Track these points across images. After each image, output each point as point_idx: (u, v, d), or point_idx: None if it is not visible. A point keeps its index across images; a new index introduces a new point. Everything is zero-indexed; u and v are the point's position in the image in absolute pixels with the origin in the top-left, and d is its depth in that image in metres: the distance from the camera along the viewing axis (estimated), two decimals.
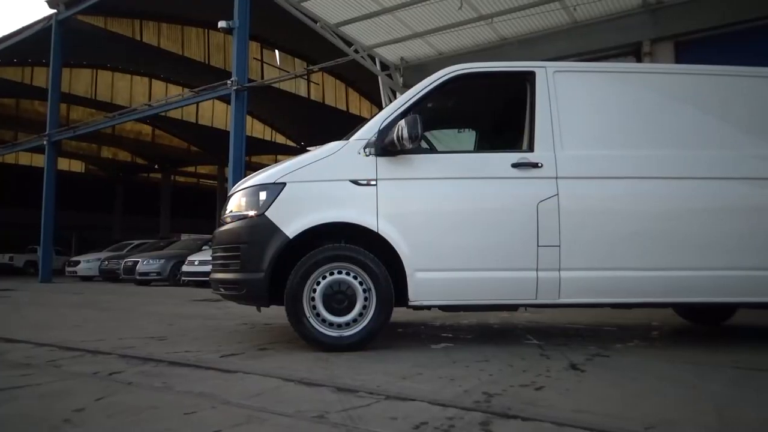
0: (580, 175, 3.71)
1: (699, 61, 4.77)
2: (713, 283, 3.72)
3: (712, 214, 3.76)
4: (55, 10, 16.93)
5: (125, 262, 15.97)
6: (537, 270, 3.62)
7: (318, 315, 3.50)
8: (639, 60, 8.48)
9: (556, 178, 3.67)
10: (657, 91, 4.01)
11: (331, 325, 3.50)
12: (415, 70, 10.70)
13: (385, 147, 3.61)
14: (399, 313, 4.57)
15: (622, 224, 3.71)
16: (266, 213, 3.56)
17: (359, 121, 4.19)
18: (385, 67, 11.00)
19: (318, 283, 3.51)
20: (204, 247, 14.90)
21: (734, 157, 3.84)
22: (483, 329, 4.86)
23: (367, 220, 3.55)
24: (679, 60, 8.13)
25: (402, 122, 3.49)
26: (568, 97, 3.85)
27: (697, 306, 4.91)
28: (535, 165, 3.68)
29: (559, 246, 3.62)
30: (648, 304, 3.95)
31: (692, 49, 8.16)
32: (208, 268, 5.94)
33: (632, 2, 8.39)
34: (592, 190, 3.72)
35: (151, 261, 15.12)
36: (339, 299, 3.50)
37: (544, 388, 2.60)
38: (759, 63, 4.34)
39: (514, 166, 3.68)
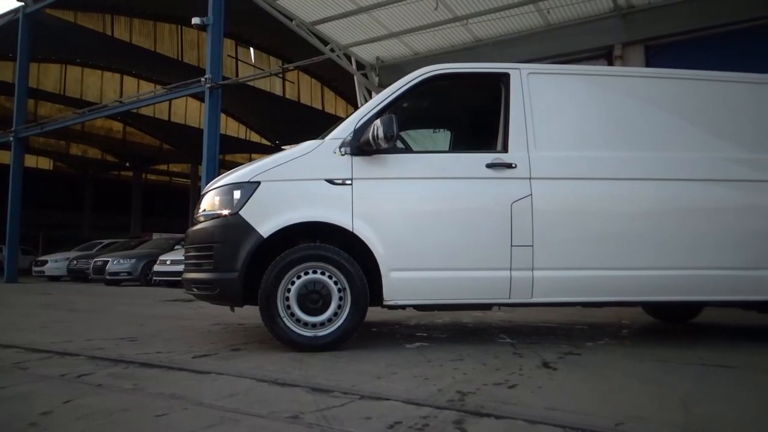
0: (553, 176, 3.76)
1: (668, 65, 4.89)
2: (681, 283, 3.81)
3: (680, 215, 3.85)
4: (22, 3, 16.46)
5: (95, 261, 15.64)
6: (510, 270, 3.66)
7: (292, 315, 3.48)
8: (610, 63, 8.63)
9: (530, 178, 3.72)
10: (628, 94, 4.09)
11: (305, 325, 3.49)
12: (390, 70, 10.71)
13: (360, 146, 3.61)
14: (374, 313, 4.57)
15: (593, 225, 3.77)
16: (240, 212, 3.53)
17: (335, 121, 4.18)
18: (360, 66, 11.00)
19: (292, 283, 3.49)
20: (176, 247, 14.70)
21: (704, 160, 3.93)
22: (457, 328, 4.89)
23: (342, 220, 3.55)
24: (649, 63, 8.30)
25: (377, 122, 3.49)
26: (541, 99, 3.90)
27: (665, 305, 5.02)
28: (509, 165, 3.72)
29: (533, 246, 3.67)
30: (618, 303, 4.03)
31: (662, 52, 8.34)
32: (180, 267, 5.86)
33: (604, 6, 8.53)
34: (564, 190, 3.77)
35: (121, 260, 14.84)
36: (314, 299, 3.48)
37: (516, 386, 2.63)
38: (726, 67, 4.46)
39: (489, 166, 3.72)
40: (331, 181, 3.59)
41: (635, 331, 4.86)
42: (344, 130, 3.69)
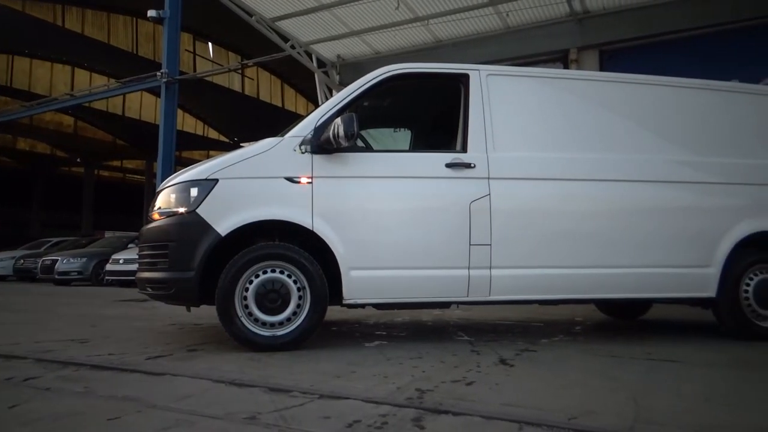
0: (511, 176, 3.83)
1: (621, 69, 5.04)
2: (631, 280, 3.95)
3: (631, 214, 3.98)
4: None
5: (43, 260, 15.04)
6: (469, 268, 3.71)
7: (250, 314, 3.44)
8: (566, 66, 8.84)
9: (488, 178, 3.78)
10: (583, 97, 4.20)
11: (264, 324, 3.45)
12: (351, 68, 10.68)
13: (320, 145, 3.59)
14: (333, 312, 4.55)
15: (549, 224, 3.86)
16: (197, 210, 3.46)
17: (295, 118, 4.15)
18: (321, 64, 10.93)
19: (251, 282, 3.45)
20: (130, 245, 14.31)
21: (653, 162, 4.08)
22: (416, 326, 4.93)
23: (302, 218, 3.52)
24: (603, 67, 8.54)
25: (338, 120, 3.48)
26: (500, 100, 3.96)
27: (616, 302, 5.19)
28: (468, 165, 3.77)
29: (490, 245, 3.73)
30: (573, 301, 4.14)
31: (615, 57, 8.60)
32: (134, 267, 5.71)
33: (561, 11, 8.73)
34: (522, 190, 3.85)
35: (71, 259, 14.33)
36: (272, 298, 3.45)
37: (474, 383, 2.67)
38: (676, 73, 4.64)
39: (448, 166, 3.76)
40: (290, 180, 3.56)
41: (588, 327, 5.00)
42: (304, 128, 3.67)
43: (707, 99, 4.40)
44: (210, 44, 27.45)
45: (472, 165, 3.77)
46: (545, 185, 3.89)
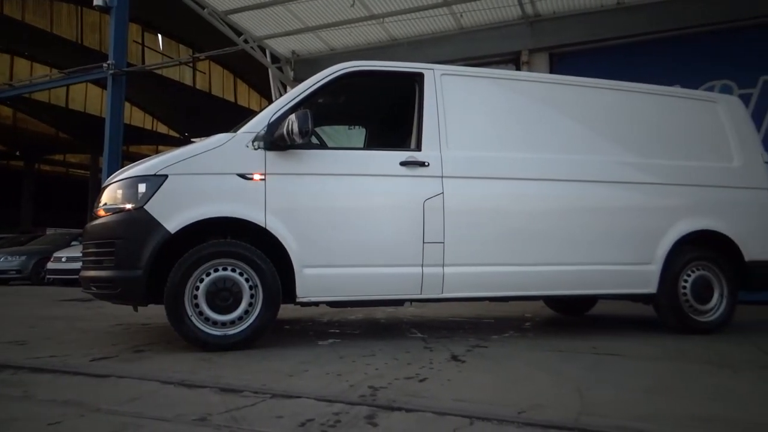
0: (464, 175, 3.88)
1: (570, 72, 5.18)
2: (579, 277, 4.08)
3: (578, 214, 4.11)
4: None
5: None
6: (422, 266, 3.74)
7: (201, 313, 3.36)
8: (518, 68, 9.01)
9: (442, 177, 3.82)
10: (535, 98, 4.31)
11: (215, 323, 3.38)
12: (306, 65, 10.57)
13: (274, 141, 3.55)
14: (286, 310, 4.51)
15: (501, 222, 3.94)
16: (145, 206, 3.36)
17: (247, 114, 4.08)
18: (275, 59, 10.77)
19: (201, 281, 3.38)
20: (73, 243, 13.80)
21: (600, 162, 4.22)
22: (370, 324, 4.94)
23: (255, 216, 3.48)
24: (553, 70, 8.75)
25: (292, 116, 3.45)
26: (454, 100, 4.02)
27: (564, 298, 5.34)
28: (422, 164, 3.80)
29: (443, 243, 3.77)
30: (523, 297, 4.24)
31: (565, 60, 8.84)
32: (77, 265, 5.49)
33: (513, 14, 8.90)
34: (474, 189, 3.91)
35: (9, 257, 13.66)
36: (223, 297, 3.39)
37: (427, 379, 2.70)
38: (622, 77, 4.81)
39: (402, 164, 3.78)
40: (243, 176, 3.51)
41: (537, 323, 5.14)
42: (258, 123, 3.62)
43: (651, 103, 4.58)
44: (160, 36, 26.69)
45: (426, 163, 3.81)
46: (497, 184, 3.97)
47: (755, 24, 7.54)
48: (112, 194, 3.57)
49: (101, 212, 3.58)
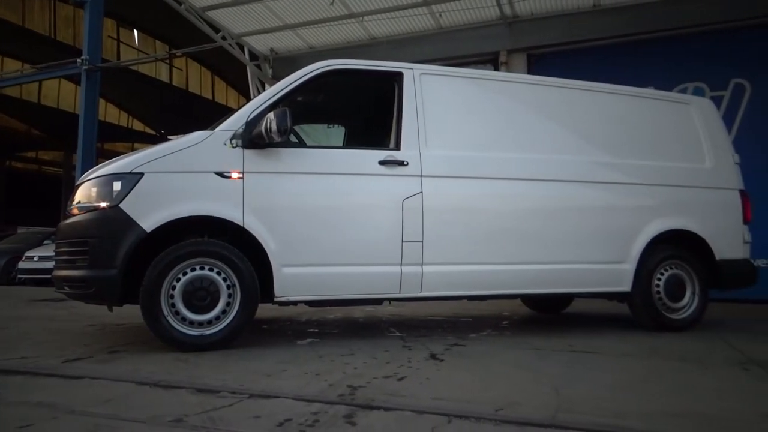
0: (443, 174, 3.90)
1: (547, 73, 5.24)
2: (555, 276, 4.13)
3: (557, 213, 4.16)
4: None
5: None
6: (401, 265, 3.75)
7: (177, 313, 3.32)
8: (497, 68, 9.08)
9: (421, 176, 3.83)
10: (513, 99, 4.35)
11: (191, 323, 3.35)
12: (285, 62, 10.50)
13: (252, 139, 3.52)
14: (264, 310, 4.48)
15: (479, 222, 3.97)
16: (120, 205, 3.31)
17: (225, 111, 4.05)
18: (254, 57, 10.68)
19: (178, 280, 3.34)
20: (45, 242, 13.54)
21: (576, 162, 4.28)
22: (348, 323, 4.94)
23: (233, 214, 3.44)
24: (530, 70, 8.83)
25: (271, 115, 3.43)
26: (433, 99, 4.03)
27: (541, 297, 5.40)
28: (401, 163, 3.81)
29: (422, 242, 3.79)
30: (501, 296, 4.27)
31: (542, 61, 8.93)
32: (50, 264, 5.38)
33: (492, 14, 8.96)
34: (453, 188, 3.93)
35: None
36: (201, 296, 3.35)
37: (405, 378, 2.70)
38: (600, 77, 4.88)
39: (381, 163, 3.78)
40: (221, 174, 3.47)
41: (514, 322, 5.19)
42: (236, 121, 3.59)
43: (627, 104, 4.66)
44: (135, 31, 26.26)
45: (405, 163, 3.81)
46: (475, 184, 3.99)
47: (727, 28, 7.73)
48: (86, 192, 3.50)
49: (75, 210, 3.51)
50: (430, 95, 4.03)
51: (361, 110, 5.17)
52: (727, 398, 2.44)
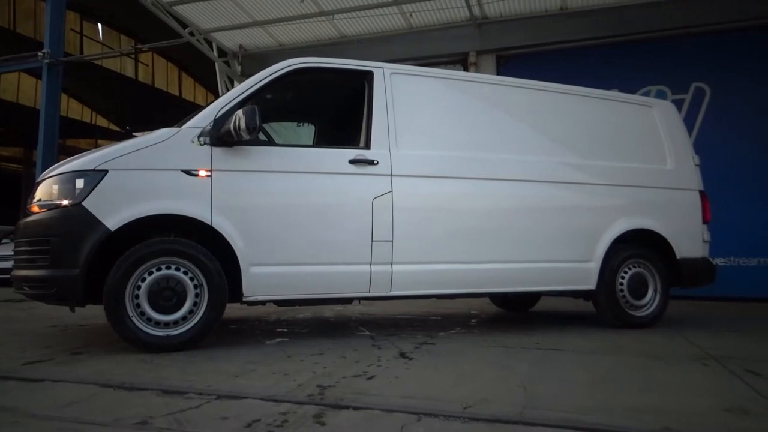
0: (412, 174, 3.92)
1: (515, 74, 5.31)
2: (523, 275, 4.19)
3: (524, 212, 4.23)
4: None
5: None
6: (371, 264, 3.76)
7: (143, 314, 3.26)
8: (466, 69, 9.16)
9: (391, 175, 3.84)
10: (483, 99, 4.39)
11: (157, 324, 3.29)
12: (254, 60, 10.38)
13: (220, 137, 3.47)
14: (232, 309, 4.43)
15: (448, 221, 4.00)
16: (83, 203, 3.23)
17: (193, 108, 3.99)
18: (222, 53, 10.53)
19: (143, 280, 3.27)
20: (4, 240, 13.07)
21: (543, 163, 4.35)
22: (318, 323, 4.92)
23: (200, 213, 3.39)
24: (499, 72, 8.95)
25: (240, 112, 3.39)
26: (403, 99, 4.04)
27: (509, 295, 5.48)
28: (371, 162, 3.81)
29: (392, 241, 3.80)
30: (469, 295, 4.31)
31: (511, 62, 9.06)
32: (8, 264, 5.22)
33: (461, 15, 9.03)
34: (422, 188, 3.95)
35: None
36: (167, 296, 3.29)
37: (375, 377, 2.71)
38: (566, 79, 4.96)
39: (351, 162, 3.78)
40: (188, 172, 3.42)
41: (483, 320, 5.24)
42: (204, 118, 3.53)
43: (592, 106, 4.76)
44: (99, 25, 25.59)
45: (375, 162, 3.82)
46: (445, 183, 4.02)
47: (688, 33, 7.98)
48: (47, 189, 3.40)
49: (35, 208, 3.41)
50: (401, 95, 4.05)
51: (331, 109, 5.15)
52: (688, 393, 2.51)
